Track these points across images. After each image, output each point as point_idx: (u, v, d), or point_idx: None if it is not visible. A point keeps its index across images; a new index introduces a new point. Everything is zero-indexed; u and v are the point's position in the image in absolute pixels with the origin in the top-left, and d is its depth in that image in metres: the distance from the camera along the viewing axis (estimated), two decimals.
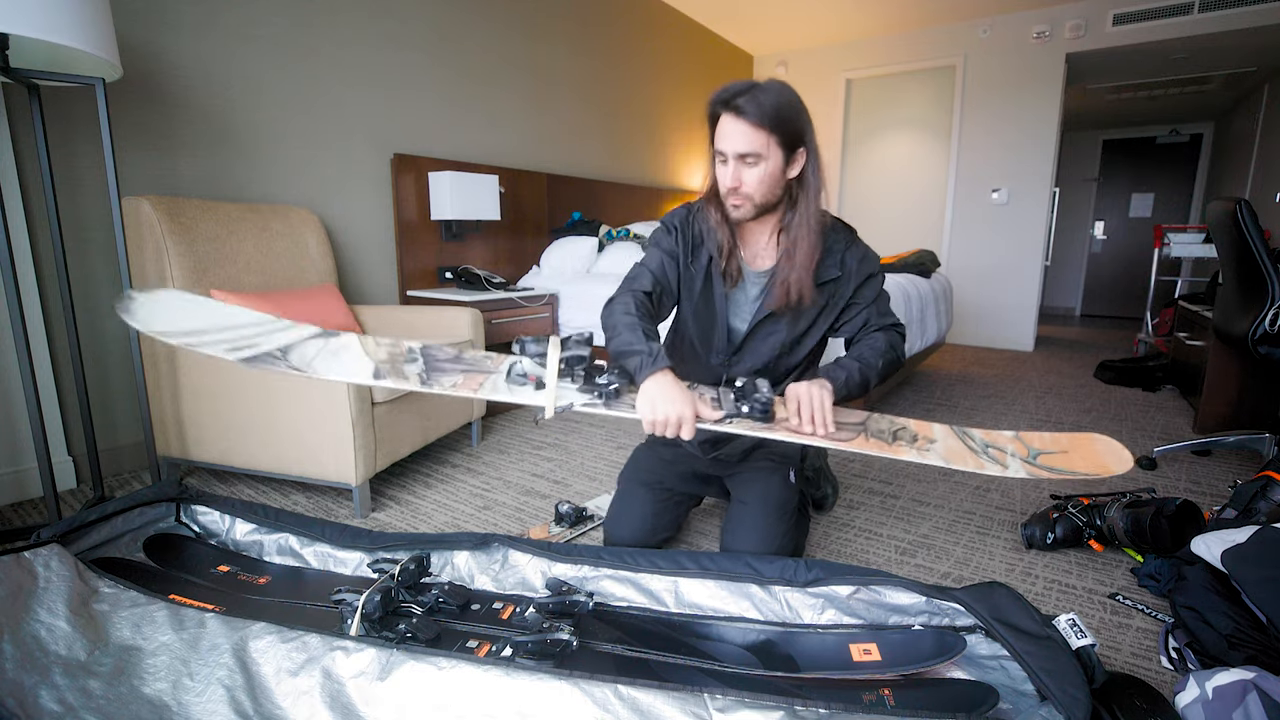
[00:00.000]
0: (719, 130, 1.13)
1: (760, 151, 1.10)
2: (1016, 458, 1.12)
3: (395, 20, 2.62)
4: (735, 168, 1.12)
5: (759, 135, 1.09)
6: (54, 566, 1.04)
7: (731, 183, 1.13)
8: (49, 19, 1.30)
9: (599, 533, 1.63)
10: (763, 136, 1.09)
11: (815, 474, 1.78)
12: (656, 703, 0.77)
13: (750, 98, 1.08)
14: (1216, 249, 2.18)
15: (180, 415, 1.81)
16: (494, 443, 2.36)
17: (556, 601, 1.07)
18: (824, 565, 1.11)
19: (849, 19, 4.46)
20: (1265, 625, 1.03)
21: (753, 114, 1.07)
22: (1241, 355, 2.24)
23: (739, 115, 1.08)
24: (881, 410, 2.84)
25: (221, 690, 0.85)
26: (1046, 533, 1.51)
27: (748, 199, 1.15)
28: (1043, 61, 4.22)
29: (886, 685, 0.95)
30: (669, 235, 1.28)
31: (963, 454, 1.11)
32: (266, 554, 1.37)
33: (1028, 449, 1.14)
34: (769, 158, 1.12)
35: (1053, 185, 4.37)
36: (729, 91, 1.10)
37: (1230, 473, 2.05)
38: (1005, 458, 1.12)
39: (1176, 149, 6.50)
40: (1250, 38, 3.82)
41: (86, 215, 1.84)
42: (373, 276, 2.67)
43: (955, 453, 1.11)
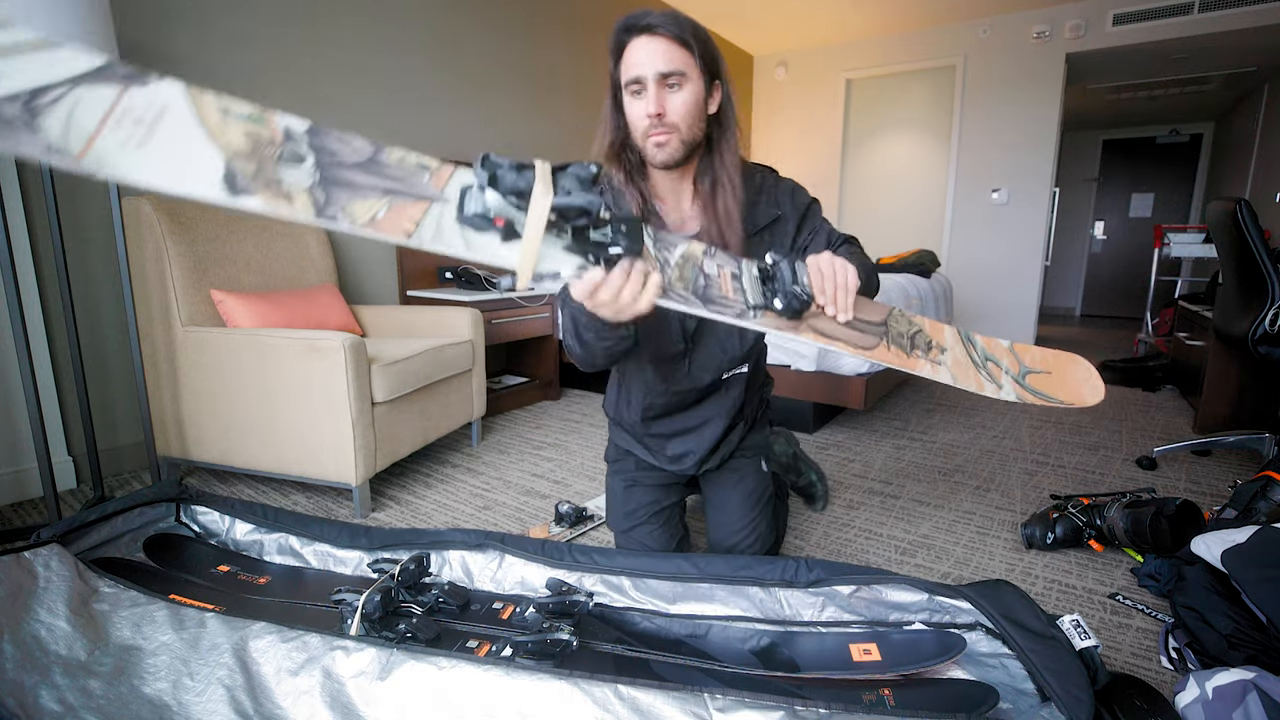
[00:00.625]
0: (628, 59, 0.97)
1: (684, 69, 0.95)
2: (1009, 375, 1.05)
3: (395, 24, 2.62)
4: (657, 93, 0.95)
5: (680, 52, 0.95)
6: (54, 566, 1.04)
7: (655, 108, 0.95)
8: (49, 19, 1.30)
9: (599, 533, 1.63)
10: (685, 54, 0.95)
11: (791, 460, 1.75)
12: (656, 703, 0.77)
13: (663, 15, 0.95)
14: (1216, 249, 2.18)
15: (180, 415, 1.81)
16: (494, 443, 2.36)
17: (556, 601, 1.06)
18: (825, 565, 1.11)
19: (849, 19, 4.46)
20: (1265, 625, 1.03)
21: (671, 28, 0.94)
22: (1241, 355, 2.24)
23: (654, 33, 0.94)
24: (883, 408, 2.84)
25: (222, 690, 0.85)
26: (1046, 533, 1.51)
27: (674, 130, 0.97)
28: (1042, 61, 4.22)
29: (887, 685, 0.95)
30: None
31: (967, 368, 1.03)
32: (266, 554, 1.37)
33: (1019, 364, 1.07)
34: (693, 80, 0.97)
35: (1053, 185, 4.37)
36: (634, 16, 0.96)
37: (1230, 473, 2.05)
38: (1000, 375, 1.05)
39: (1176, 149, 6.50)
40: (1250, 38, 3.82)
41: (86, 215, 1.84)
42: (373, 276, 2.67)
43: (960, 366, 1.02)
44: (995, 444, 2.37)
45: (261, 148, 0.58)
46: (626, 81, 0.98)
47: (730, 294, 0.82)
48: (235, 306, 1.81)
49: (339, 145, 0.62)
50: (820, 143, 5.12)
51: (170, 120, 0.54)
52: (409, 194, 0.65)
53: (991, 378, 1.03)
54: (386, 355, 1.77)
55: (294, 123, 0.59)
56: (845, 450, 2.30)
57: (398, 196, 0.64)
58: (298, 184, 0.60)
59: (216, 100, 0.56)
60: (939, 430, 2.55)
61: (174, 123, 0.55)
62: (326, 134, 0.61)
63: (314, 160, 0.60)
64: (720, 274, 0.82)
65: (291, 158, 0.59)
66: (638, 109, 0.98)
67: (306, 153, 0.60)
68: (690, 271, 0.81)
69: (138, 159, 0.53)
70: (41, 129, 0.51)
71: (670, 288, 0.79)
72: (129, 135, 0.53)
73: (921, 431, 2.54)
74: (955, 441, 2.40)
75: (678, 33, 0.94)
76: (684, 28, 0.95)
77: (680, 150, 1.00)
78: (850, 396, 2.32)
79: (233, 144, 0.56)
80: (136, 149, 0.53)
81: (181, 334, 1.77)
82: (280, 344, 1.65)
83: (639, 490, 1.31)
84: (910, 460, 2.20)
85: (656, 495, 1.31)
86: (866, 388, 2.30)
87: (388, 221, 0.63)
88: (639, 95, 0.97)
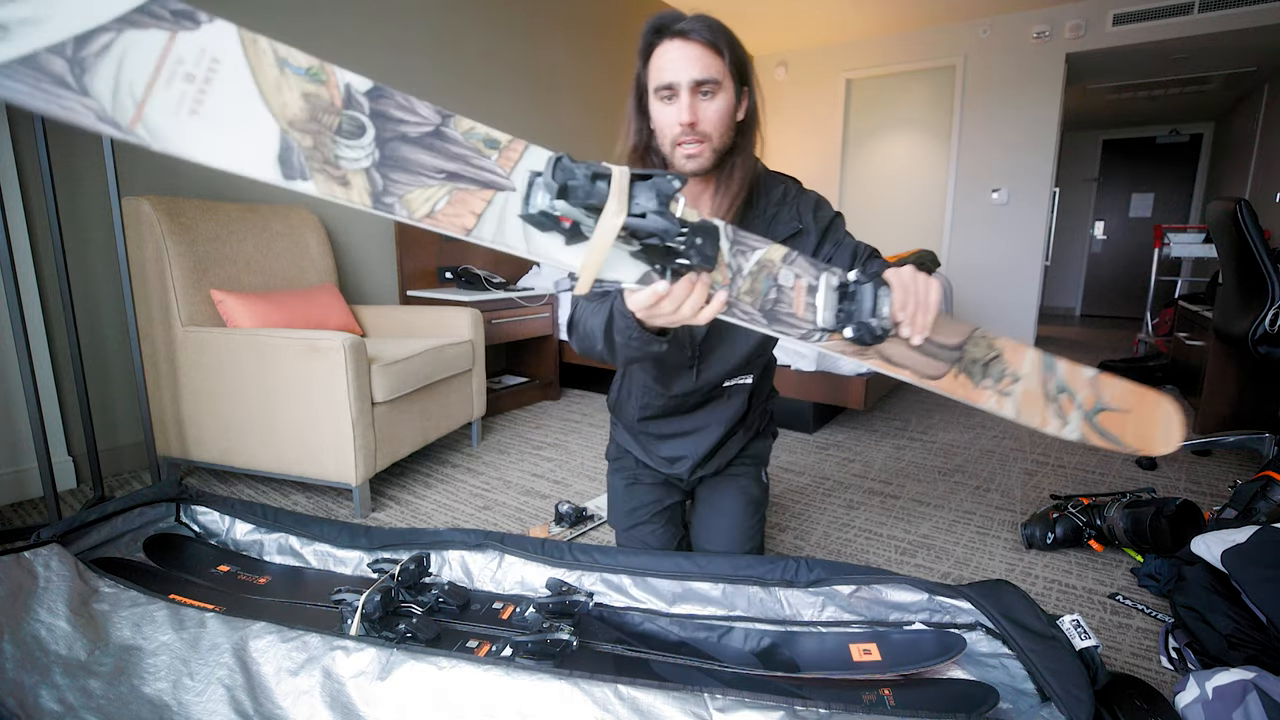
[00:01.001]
0: (658, 62, 0.93)
1: (718, 77, 0.92)
2: (1081, 411, 0.95)
3: (396, 24, 2.62)
4: (690, 101, 0.92)
5: (715, 59, 0.91)
6: (54, 566, 1.04)
7: (688, 117, 0.92)
8: None
9: (599, 533, 1.63)
10: (719, 61, 0.92)
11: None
12: (656, 703, 0.77)
13: (696, 19, 0.92)
14: (1216, 249, 2.18)
15: (180, 415, 1.81)
16: (494, 443, 2.36)
17: (556, 601, 1.07)
18: (825, 565, 1.11)
19: (849, 19, 4.46)
20: (1265, 625, 1.03)
21: (705, 34, 0.91)
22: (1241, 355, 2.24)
23: (688, 39, 0.91)
24: (883, 408, 2.84)
25: (222, 690, 0.85)
26: (1046, 533, 1.51)
27: (706, 140, 0.94)
28: (1043, 61, 4.22)
29: (887, 685, 0.95)
30: None
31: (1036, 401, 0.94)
32: (266, 554, 1.37)
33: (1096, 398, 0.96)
34: (726, 88, 0.94)
35: (1053, 185, 4.37)
36: (666, 18, 0.93)
37: (1230, 473, 2.05)
38: (1070, 409, 0.95)
39: (1176, 149, 6.50)
40: (1250, 38, 3.82)
41: (86, 215, 1.84)
42: (373, 276, 2.67)
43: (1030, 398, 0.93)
44: (995, 444, 2.37)
45: (320, 114, 0.53)
46: (656, 86, 0.94)
47: (801, 311, 0.77)
48: (235, 306, 1.81)
49: (402, 113, 0.56)
50: (820, 143, 5.12)
51: (224, 77, 0.49)
52: (473, 179, 0.58)
53: (1060, 413, 0.93)
54: (386, 355, 1.77)
55: (356, 81, 0.54)
56: (845, 450, 2.30)
57: (460, 182, 0.58)
58: (355, 164, 0.54)
59: (272, 49, 0.50)
60: (939, 430, 2.55)
61: (228, 81, 0.49)
62: (390, 97, 0.55)
63: (374, 134, 0.55)
64: (795, 285, 0.76)
65: (351, 129, 0.54)
66: (668, 115, 0.95)
67: (366, 124, 0.54)
68: (763, 283, 0.75)
69: (191, 128, 0.49)
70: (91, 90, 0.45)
71: (737, 302, 0.73)
72: (181, 96, 0.48)
73: (921, 431, 2.54)
74: (955, 441, 2.40)
75: (711, 39, 0.91)
76: (717, 33, 0.92)
77: (711, 160, 0.97)
78: (850, 396, 2.32)
79: (289, 109, 0.51)
80: (190, 115, 0.48)
81: (181, 334, 1.77)
82: (280, 344, 1.65)
83: (640, 489, 1.30)
84: (910, 460, 2.20)
85: (658, 494, 1.30)
86: (866, 388, 2.30)
87: (447, 214, 0.58)
88: (670, 101, 0.94)
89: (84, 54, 0.45)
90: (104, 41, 0.45)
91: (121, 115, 0.47)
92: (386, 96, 0.55)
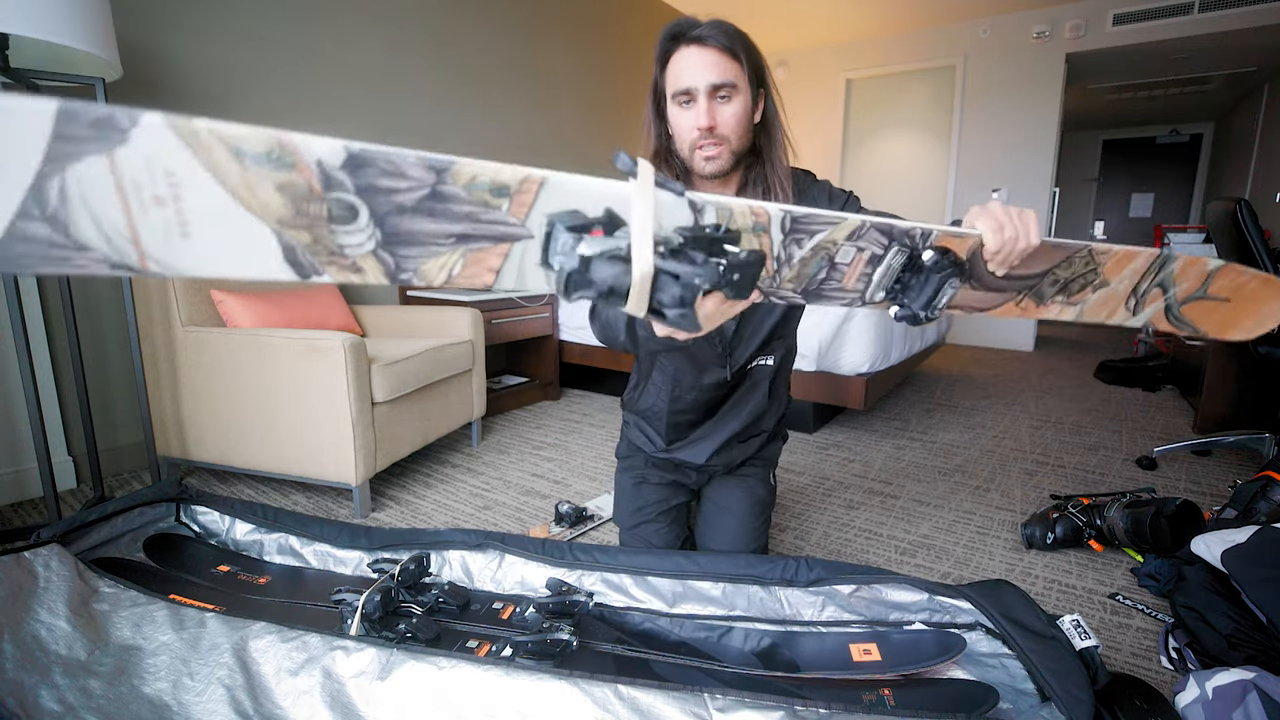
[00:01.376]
0: (676, 68, 0.96)
1: (735, 81, 0.94)
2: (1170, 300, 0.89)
3: (395, 25, 2.62)
4: (708, 105, 0.95)
5: (731, 64, 0.94)
6: (54, 566, 1.04)
7: (706, 121, 0.95)
8: (49, 19, 1.30)
9: (599, 533, 1.63)
10: (735, 65, 0.94)
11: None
12: (656, 703, 0.77)
13: (712, 25, 0.94)
14: (1216, 249, 2.18)
15: (180, 415, 1.81)
16: (494, 443, 2.36)
17: (556, 601, 1.07)
18: (825, 565, 1.11)
19: (849, 19, 4.46)
20: (1265, 625, 1.03)
21: (721, 40, 0.93)
22: (1241, 355, 2.24)
23: (704, 44, 0.94)
24: (883, 408, 2.84)
25: (222, 690, 0.85)
26: (1046, 533, 1.51)
27: (724, 143, 0.97)
28: (1042, 61, 4.22)
29: (886, 685, 0.95)
30: None
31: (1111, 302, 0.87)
32: (266, 554, 1.37)
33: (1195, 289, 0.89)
34: (743, 91, 0.96)
35: (1053, 185, 4.37)
36: (682, 24, 0.95)
37: (1230, 473, 2.05)
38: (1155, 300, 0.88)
39: (1176, 149, 6.50)
40: (1250, 38, 3.83)
41: None
42: None
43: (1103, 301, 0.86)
44: (995, 444, 2.37)
45: (304, 205, 0.47)
46: (674, 92, 0.97)
47: (852, 283, 0.71)
48: (235, 306, 1.81)
49: (390, 180, 0.49)
50: (820, 143, 5.12)
51: (190, 189, 0.44)
52: (486, 236, 0.53)
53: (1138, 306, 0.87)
54: (386, 355, 1.77)
55: (326, 154, 0.46)
56: (845, 450, 2.30)
57: (472, 242, 0.53)
58: (360, 249, 0.50)
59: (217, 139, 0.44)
60: (939, 430, 2.55)
61: (197, 193, 0.44)
62: (371, 164, 0.48)
63: (368, 213, 0.49)
64: (855, 260, 0.70)
65: (343, 214, 0.48)
66: (686, 120, 0.97)
67: (356, 203, 0.49)
68: (814, 266, 0.69)
69: (192, 250, 0.45)
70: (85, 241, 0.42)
71: (774, 291, 0.69)
72: (165, 223, 0.44)
73: (921, 431, 2.54)
74: (955, 441, 2.40)
75: (727, 44, 0.93)
76: (733, 39, 0.94)
77: (729, 162, 1.00)
78: (850, 396, 2.32)
79: (272, 208, 0.47)
80: (183, 239, 0.45)
81: (181, 334, 1.77)
82: (280, 344, 1.65)
83: (647, 488, 1.31)
84: (910, 460, 2.20)
85: (665, 494, 1.31)
86: (866, 388, 2.30)
87: (465, 276, 0.54)
88: (687, 106, 0.97)
89: (50, 209, 0.41)
90: (56, 187, 0.41)
91: (127, 257, 0.44)
92: (367, 164, 0.48)
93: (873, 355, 2.30)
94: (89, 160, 0.41)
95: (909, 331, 2.65)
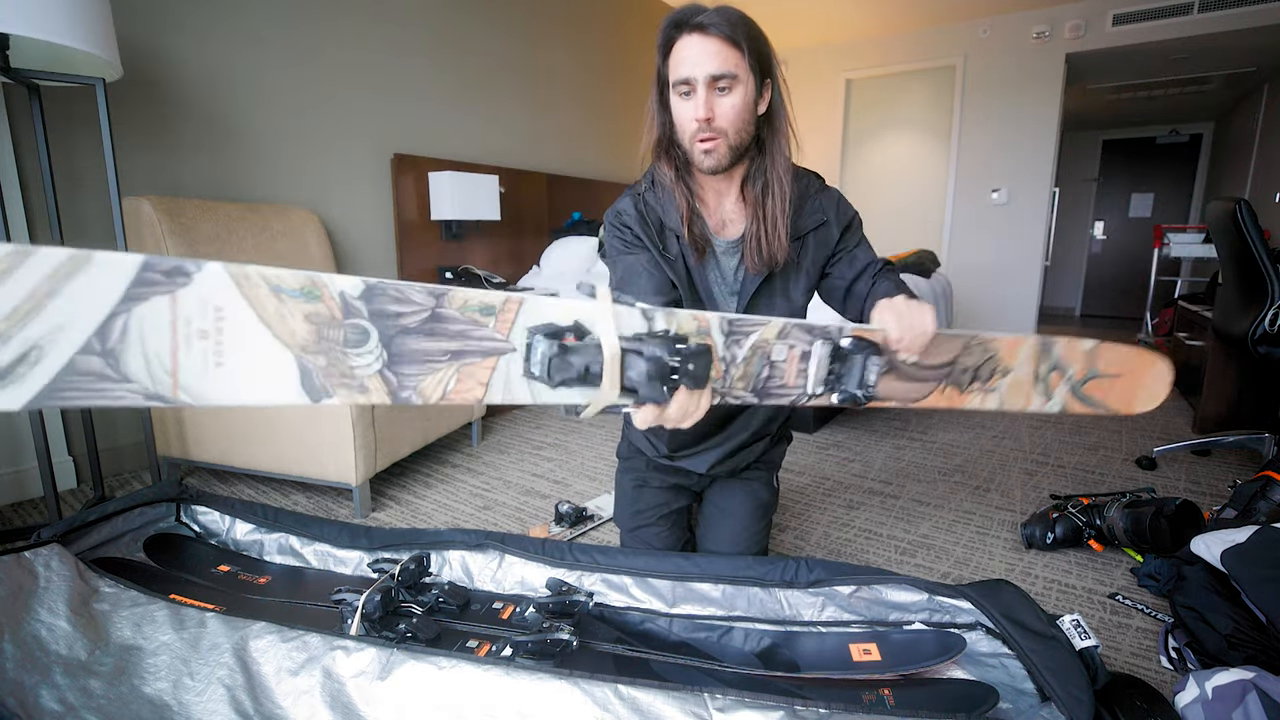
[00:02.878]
0: (677, 56, 0.93)
1: (736, 72, 0.92)
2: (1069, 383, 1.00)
3: (396, 25, 2.62)
4: (707, 96, 0.92)
5: (732, 53, 0.91)
6: (54, 566, 1.04)
7: (704, 113, 0.93)
8: (49, 19, 1.30)
9: (599, 533, 1.63)
10: (736, 55, 0.91)
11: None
12: (656, 702, 0.77)
13: (715, 12, 0.91)
14: (1216, 249, 2.18)
15: (180, 415, 1.81)
16: (494, 443, 2.36)
17: (556, 601, 1.07)
18: (825, 565, 1.11)
19: (849, 19, 4.46)
20: (1265, 625, 1.03)
21: (723, 28, 0.90)
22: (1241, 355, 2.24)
23: (705, 32, 0.91)
24: (882, 409, 2.84)
25: (222, 690, 0.85)
26: (1046, 533, 1.51)
27: (722, 135, 0.95)
28: (1042, 61, 4.22)
29: (886, 685, 0.95)
30: (625, 238, 1.05)
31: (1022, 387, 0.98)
32: (266, 554, 1.37)
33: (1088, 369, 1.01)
34: (744, 82, 0.93)
35: (1052, 185, 4.37)
36: (685, 12, 0.92)
37: (1230, 473, 2.05)
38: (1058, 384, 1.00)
39: (1176, 149, 6.50)
40: (1250, 38, 3.83)
41: (86, 215, 1.84)
42: (373, 276, 2.67)
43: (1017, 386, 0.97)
44: (995, 444, 2.37)
45: (324, 331, 0.57)
46: (675, 81, 0.95)
47: (792, 381, 0.82)
48: None
49: (398, 305, 0.59)
50: (820, 143, 5.12)
51: (232, 322, 0.53)
52: (475, 351, 0.63)
53: (1046, 390, 0.98)
54: None
55: (348, 286, 0.57)
56: (845, 450, 2.30)
57: (464, 358, 0.62)
58: (368, 369, 0.59)
59: (263, 279, 0.54)
60: (939, 430, 2.55)
61: (237, 324, 0.53)
62: (383, 292, 0.58)
63: (377, 336, 0.59)
64: (789, 357, 0.81)
65: (356, 337, 0.58)
66: (686, 110, 0.95)
67: (368, 328, 0.58)
68: (756, 365, 0.79)
69: (221, 380, 0.53)
70: (129, 374, 0.50)
71: (728, 392, 0.79)
72: (203, 354, 0.52)
73: (921, 431, 2.54)
74: (955, 441, 2.40)
75: (729, 33, 0.90)
76: (735, 26, 0.91)
77: (728, 156, 0.97)
78: None
79: (297, 335, 0.55)
80: (216, 369, 0.52)
81: None
82: None
83: (648, 492, 1.30)
84: (910, 460, 2.20)
85: (665, 498, 1.30)
86: None
87: (459, 391, 0.63)
88: (687, 97, 0.94)
89: (110, 344, 0.49)
90: (120, 325, 0.49)
91: (163, 388, 0.51)
92: (380, 293, 0.58)
93: None
94: (155, 301, 0.50)
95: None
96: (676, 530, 1.30)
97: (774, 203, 1.00)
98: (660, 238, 1.04)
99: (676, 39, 0.93)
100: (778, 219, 1.00)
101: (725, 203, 1.07)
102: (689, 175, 1.04)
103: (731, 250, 1.07)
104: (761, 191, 1.01)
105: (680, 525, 1.32)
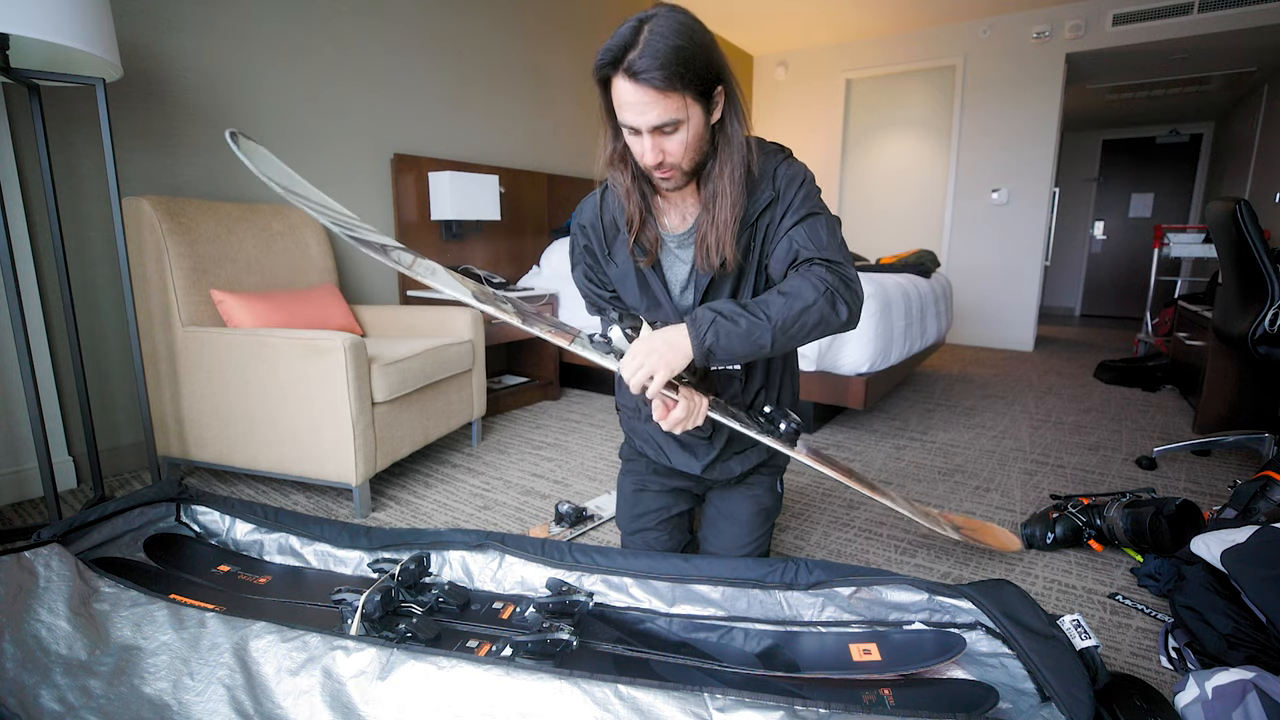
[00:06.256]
0: (616, 98, 0.91)
1: (678, 117, 0.89)
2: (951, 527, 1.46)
3: (396, 24, 2.62)
4: (654, 141, 0.92)
5: (670, 100, 0.88)
6: (54, 566, 1.04)
7: (654, 159, 0.93)
8: (49, 19, 1.30)
9: (599, 533, 1.63)
10: (675, 101, 0.88)
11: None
12: (656, 702, 0.77)
13: (643, 51, 0.85)
14: (1216, 249, 2.18)
15: (180, 415, 1.81)
16: (494, 443, 2.36)
17: (556, 601, 1.07)
18: (825, 566, 1.11)
19: (849, 19, 4.46)
20: (1265, 625, 1.03)
21: (654, 74, 0.85)
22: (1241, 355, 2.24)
23: (636, 80, 0.86)
24: (883, 408, 2.84)
25: (222, 690, 0.85)
26: (1046, 533, 1.51)
27: (676, 170, 0.96)
28: (1042, 61, 4.22)
29: (886, 685, 0.95)
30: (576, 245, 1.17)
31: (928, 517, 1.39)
32: (266, 554, 1.37)
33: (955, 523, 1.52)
34: (690, 119, 0.91)
35: (1052, 185, 4.37)
36: (615, 50, 0.87)
37: (1230, 473, 2.05)
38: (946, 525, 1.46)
39: (1176, 149, 6.50)
40: (1250, 38, 3.83)
41: (86, 215, 1.84)
42: (373, 276, 2.67)
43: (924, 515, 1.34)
44: (995, 444, 2.37)
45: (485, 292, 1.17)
46: (620, 121, 0.94)
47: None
48: (235, 306, 1.81)
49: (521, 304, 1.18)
50: (820, 143, 5.12)
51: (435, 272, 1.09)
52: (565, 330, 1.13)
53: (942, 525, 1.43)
54: (386, 355, 1.77)
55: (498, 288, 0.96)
56: (845, 450, 2.30)
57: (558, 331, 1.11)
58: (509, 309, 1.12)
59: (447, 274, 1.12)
60: (939, 430, 2.55)
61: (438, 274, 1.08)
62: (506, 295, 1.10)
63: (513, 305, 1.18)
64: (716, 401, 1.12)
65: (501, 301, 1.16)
66: (638, 149, 0.95)
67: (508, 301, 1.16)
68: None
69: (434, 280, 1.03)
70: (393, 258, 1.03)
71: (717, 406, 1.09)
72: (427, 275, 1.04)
73: (921, 431, 2.54)
74: (955, 441, 2.40)
75: (663, 83, 0.86)
76: (668, 68, 0.85)
77: (685, 178, 1.00)
78: (850, 396, 2.32)
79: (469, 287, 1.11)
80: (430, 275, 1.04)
81: (182, 334, 1.77)
82: (280, 344, 1.65)
83: (648, 495, 1.30)
84: (910, 460, 2.20)
85: (666, 501, 1.29)
86: (866, 388, 2.30)
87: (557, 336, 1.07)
88: (636, 136, 0.94)
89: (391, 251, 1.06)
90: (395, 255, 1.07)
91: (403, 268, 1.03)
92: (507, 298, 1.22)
93: (873, 355, 2.30)
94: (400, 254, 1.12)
95: (909, 331, 2.65)
96: (676, 535, 1.30)
97: (722, 211, 0.99)
98: (609, 241, 1.12)
99: (612, 77, 0.90)
100: (726, 223, 1.00)
101: (686, 198, 1.09)
102: (645, 180, 1.05)
103: (685, 243, 1.10)
104: (713, 195, 1.00)
105: (681, 530, 1.32)
